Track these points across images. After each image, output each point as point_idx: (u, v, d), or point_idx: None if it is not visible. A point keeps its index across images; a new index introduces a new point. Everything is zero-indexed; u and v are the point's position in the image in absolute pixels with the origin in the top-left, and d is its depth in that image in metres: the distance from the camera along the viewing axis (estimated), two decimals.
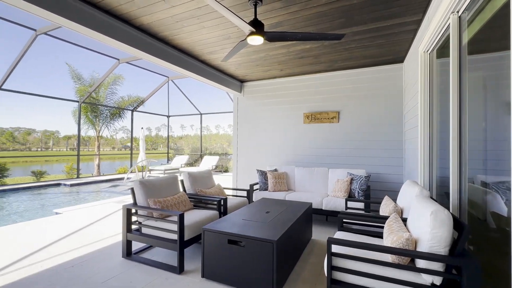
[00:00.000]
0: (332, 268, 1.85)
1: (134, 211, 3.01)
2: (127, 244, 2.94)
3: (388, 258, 1.80)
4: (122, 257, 2.94)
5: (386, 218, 2.38)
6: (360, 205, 3.75)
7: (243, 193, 5.47)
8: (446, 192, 2.45)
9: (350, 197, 4.16)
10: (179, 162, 12.70)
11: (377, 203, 3.22)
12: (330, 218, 4.60)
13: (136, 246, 3.18)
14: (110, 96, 13.06)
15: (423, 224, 1.66)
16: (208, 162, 12.47)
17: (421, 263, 1.65)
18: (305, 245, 3.28)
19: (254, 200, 4.61)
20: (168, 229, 2.72)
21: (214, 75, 5.16)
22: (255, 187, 4.88)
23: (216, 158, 12.65)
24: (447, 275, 1.56)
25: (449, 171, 2.18)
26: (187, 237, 2.71)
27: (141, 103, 13.34)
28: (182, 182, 3.92)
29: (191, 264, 2.80)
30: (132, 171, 9.90)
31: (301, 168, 5.03)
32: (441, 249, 1.56)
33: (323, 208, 4.08)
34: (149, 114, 14.42)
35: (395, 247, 1.71)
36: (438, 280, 1.60)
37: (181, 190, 3.70)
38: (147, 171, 10.41)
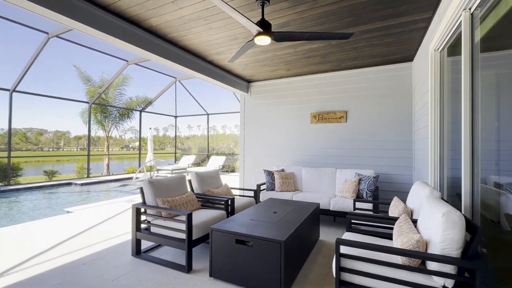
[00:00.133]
0: (341, 269, 1.84)
1: (143, 210, 3.05)
2: (137, 243, 2.99)
3: (398, 259, 1.77)
4: (132, 255, 2.99)
5: (395, 219, 2.35)
6: (368, 206, 3.71)
7: (250, 193, 5.49)
8: (457, 193, 2.40)
9: (358, 197, 4.12)
10: (186, 162, 12.82)
11: (386, 204, 3.18)
12: (337, 218, 4.56)
13: (145, 244, 3.23)
14: (118, 97, 13.30)
15: (434, 225, 1.64)
16: (215, 162, 12.55)
17: (432, 265, 1.62)
18: (312, 245, 3.26)
19: (261, 200, 4.62)
20: (177, 228, 2.75)
21: (221, 75, 5.19)
22: (262, 187, 4.88)
23: (223, 158, 12.71)
24: (459, 278, 1.53)
25: (460, 171, 2.14)
26: (195, 236, 2.73)
27: (149, 103, 13.52)
28: (190, 182, 3.96)
29: (199, 263, 2.83)
30: (141, 171, 10.04)
31: (308, 168, 5.00)
32: (453, 251, 1.53)
33: (331, 209, 4.05)
34: (156, 114, 14.62)
35: (406, 249, 1.69)
36: (450, 283, 1.57)
37: (188, 189, 3.74)
38: (155, 170, 10.55)
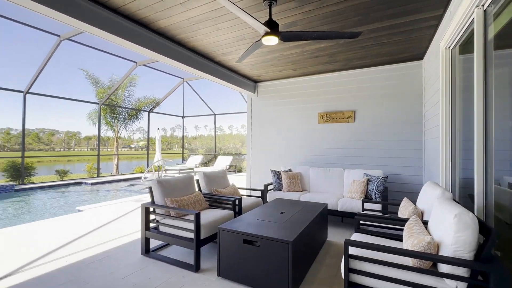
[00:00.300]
0: (350, 270, 1.82)
1: (152, 209, 3.10)
2: (146, 242, 3.03)
3: (408, 261, 1.74)
4: (141, 254, 3.03)
5: (405, 220, 2.31)
6: (376, 207, 3.66)
7: (257, 193, 5.49)
8: (469, 194, 2.34)
9: (367, 198, 4.07)
10: (193, 162, 12.92)
11: (395, 205, 3.13)
12: (345, 219, 4.52)
13: (154, 243, 3.27)
14: (127, 98, 13.52)
15: (446, 227, 1.60)
16: (222, 162, 12.60)
17: (444, 268, 1.58)
18: (320, 246, 3.24)
19: (268, 200, 4.61)
20: (185, 227, 2.78)
21: (228, 76, 5.21)
22: (269, 187, 4.88)
23: (230, 158, 12.76)
24: (472, 281, 1.50)
25: (473, 172, 2.09)
26: (203, 236, 2.75)
27: (156, 104, 13.69)
28: (198, 181, 3.99)
29: (207, 262, 2.85)
30: (149, 171, 10.17)
31: (315, 168, 4.97)
32: (465, 253, 1.50)
33: (339, 209, 4.01)
34: (164, 115, 14.78)
35: (417, 251, 1.66)
36: (462, 286, 1.53)
37: (196, 189, 3.77)
38: (163, 170, 10.67)
